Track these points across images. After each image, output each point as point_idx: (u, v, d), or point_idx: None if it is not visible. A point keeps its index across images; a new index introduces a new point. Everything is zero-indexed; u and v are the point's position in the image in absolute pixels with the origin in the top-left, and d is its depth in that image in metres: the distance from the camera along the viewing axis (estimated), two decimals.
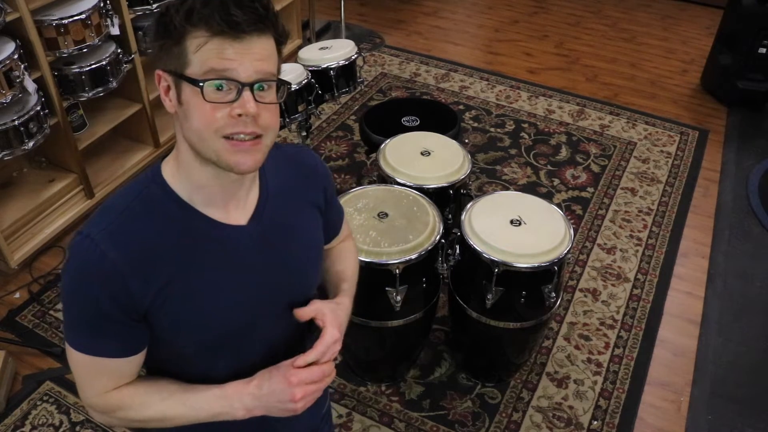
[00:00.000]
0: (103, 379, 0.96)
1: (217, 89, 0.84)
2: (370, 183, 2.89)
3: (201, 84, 0.83)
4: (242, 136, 0.86)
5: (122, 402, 0.98)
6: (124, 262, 0.88)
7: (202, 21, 0.82)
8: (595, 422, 2.15)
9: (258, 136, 0.87)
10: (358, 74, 2.62)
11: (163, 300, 0.91)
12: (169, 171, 0.94)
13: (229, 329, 0.98)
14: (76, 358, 0.94)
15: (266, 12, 0.84)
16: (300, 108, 2.44)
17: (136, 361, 0.97)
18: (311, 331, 1.10)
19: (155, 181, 0.93)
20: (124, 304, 0.89)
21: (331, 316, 1.03)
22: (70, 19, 2.47)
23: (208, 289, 0.94)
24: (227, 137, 0.86)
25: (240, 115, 0.85)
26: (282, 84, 0.89)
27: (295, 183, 1.06)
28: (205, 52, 0.83)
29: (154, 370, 1.06)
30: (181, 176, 0.93)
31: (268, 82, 0.86)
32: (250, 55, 0.84)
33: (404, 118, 2.73)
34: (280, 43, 0.89)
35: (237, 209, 0.97)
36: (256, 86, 0.85)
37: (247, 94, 0.84)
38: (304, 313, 1.02)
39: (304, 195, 1.07)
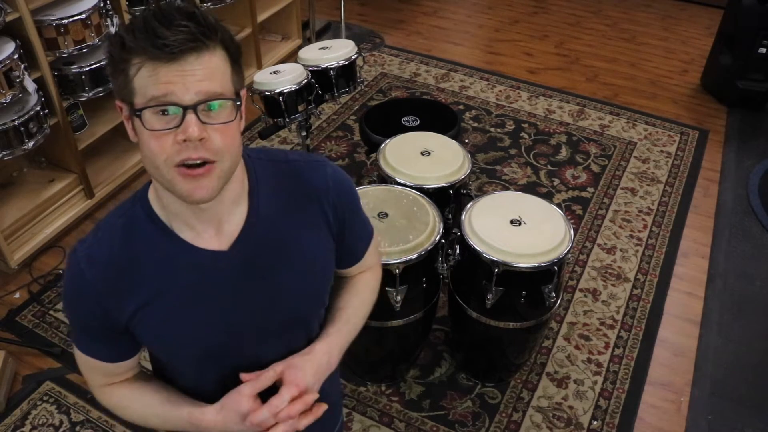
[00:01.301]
0: (98, 375, 1.02)
1: (163, 114, 0.80)
2: (370, 183, 2.89)
3: (138, 113, 0.80)
4: (191, 162, 0.82)
5: (112, 402, 1.03)
6: (99, 281, 0.90)
7: (133, 48, 0.79)
8: (595, 422, 2.15)
9: (210, 162, 0.82)
10: (358, 74, 2.62)
11: (140, 318, 0.92)
12: (152, 194, 0.93)
13: (209, 350, 0.97)
14: (77, 354, 1.00)
15: (202, 29, 0.79)
16: (300, 108, 2.43)
17: (127, 365, 1.00)
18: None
19: (141, 201, 0.93)
20: (103, 319, 0.92)
21: (290, 373, 0.96)
22: (70, 19, 2.47)
23: (184, 312, 0.93)
24: (179, 165, 0.82)
25: (185, 141, 0.80)
26: (233, 101, 0.84)
27: (298, 202, 0.99)
28: (142, 79, 0.79)
29: (156, 370, 1.08)
30: (160, 201, 0.92)
31: (218, 101, 0.81)
32: (189, 76, 0.79)
33: (404, 118, 2.73)
34: (232, 57, 0.84)
35: (218, 234, 0.93)
36: (202, 107, 0.80)
37: (189, 117, 0.79)
38: (248, 378, 0.95)
39: (308, 215, 1.00)
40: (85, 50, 2.59)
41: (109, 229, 0.92)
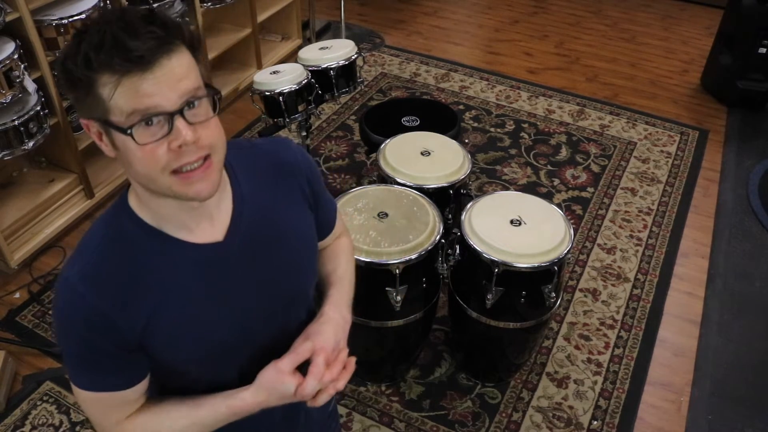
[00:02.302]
0: (113, 412, 0.96)
1: (147, 125, 0.78)
2: (370, 183, 2.89)
3: (129, 131, 0.78)
4: (189, 167, 0.82)
5: None
6: (104, 303, 0.87)
7: (103, 66, 0.76)
8: (595, 422, 2.15)
9: (206, 157, 0.83)
10: (358, 74, 2.62)
11: (152, 329, 0.90)
12: (134, 200, 0.92)
13: (226, 343, 0.97)
14: (83, 397, 0.94)
15: (167, 30, 0.78)
16: (300, 108, 2.44)
17: (142, 388, 0.97)
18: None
19: (124, 211, 0.91)
20: (115, 339, 0.89)
21: (314, 341, 0.99)
22: (70, 19, 2.48)
23: (195, 311, 0.93)
24: (176, 171, 0.81)
25: (180, 147, 0.80)
26: (211, 93, 0.84)
27: (274, 182, 1.02)
28: (120, 96, 0.77)
29: (162, 389, 1.05)
30: (146, 207, 0.91)
31: (196, 99, 0.81)
32: (168, 81, 0.78)
33: (404, 118, 2.73)
34: (194, 51, 0.83)
35: (211, 226, 0.93)
36: (184, 108, 0.79)
37: (179, 122, 0.79)
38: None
39: (287, 192, 1.03)
40: None
41: (96, 247, 0.90)
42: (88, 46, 0.76)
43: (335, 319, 1.05)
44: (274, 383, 0.95)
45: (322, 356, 0.96)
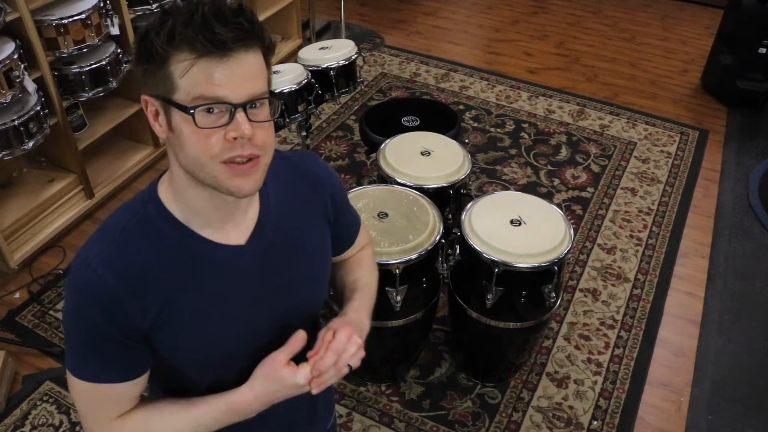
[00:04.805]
0: (107, 407, 0.95)
1: (208, 112, 0.81)
2: (370, 183, 2.89)
3: (192, 111, 0.80)
4: (240, 159, 0.83)
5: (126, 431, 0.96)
6: (121, 287, 0.87)
7: (185, 42, 0.78)
8: (595, 422, 2.15)
9: (255, 157, 0.85)
10: (358, 74, 2.62)
11: (162, 322, 0.90)
12: (164, 191, 0.92)
13: (232, 347, 0.97)
14: (79, 388, 0.93)
15: (252, 26, 0.81)
16: (300, 108, 2.43)
17: (139, 384, 0.96)
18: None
19: (152, 201, 0.92)
20: (124, 326, 0.89)
21: (338, 322, 1.00)
22: (70, 19, 2.47)
23: (208, 310, 0.93)
24: (225, 162, 0.83)
25: (235, 138, 0.82)
26: (275, 100, 0.87)
27: (300, 194, 1.03)
28: (192, 77, 0.79)
29: (158, 389, 1.05)
30: (176, 198, 0.91)
31: (260, 100, 0.84)
32: (240, 75, 0.80)
33: (404, 118, 2.73)
34: (268, 56, 0.86)
35: (236, 229, 0.95)
36: (248, 105, 0.82)
37: (240, 115, 0.81)
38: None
39: (309, 206, 1.04)
40: (85, 50, 2.59)
41: (120, 232, 0.90)
42: (176, 20, 0.78)
43: (354, 320, 1.05)
44: (270, 372, 0.94)
45: (343, 334, 0.96)
